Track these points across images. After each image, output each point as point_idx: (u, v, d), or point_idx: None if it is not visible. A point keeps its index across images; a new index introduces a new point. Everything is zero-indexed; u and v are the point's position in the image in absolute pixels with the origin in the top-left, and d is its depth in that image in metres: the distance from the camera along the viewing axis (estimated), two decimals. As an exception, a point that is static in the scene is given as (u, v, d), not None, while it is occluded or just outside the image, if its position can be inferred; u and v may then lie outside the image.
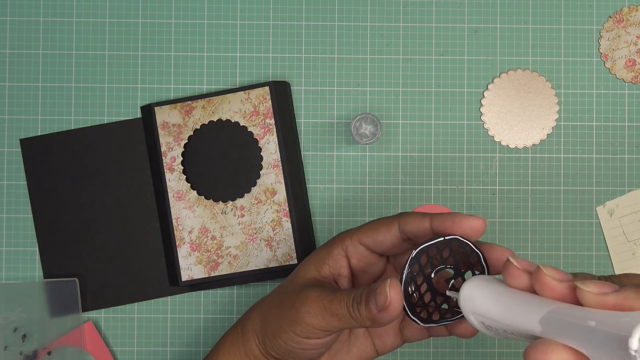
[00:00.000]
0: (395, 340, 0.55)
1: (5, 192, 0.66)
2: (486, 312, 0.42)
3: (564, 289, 0.38)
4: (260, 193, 0.65)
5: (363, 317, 0.48)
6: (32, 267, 0.66)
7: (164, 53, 0.67)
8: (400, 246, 0.52)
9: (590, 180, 0.66)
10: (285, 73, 0.67)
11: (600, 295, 0.37)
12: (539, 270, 0.39)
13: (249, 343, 0.54)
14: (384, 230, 0.52)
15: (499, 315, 0.41)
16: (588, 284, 0.37)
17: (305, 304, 0.50)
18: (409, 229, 0.51)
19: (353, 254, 0.53)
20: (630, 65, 0.67)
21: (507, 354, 0.66)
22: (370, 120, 0.64)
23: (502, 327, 0.41)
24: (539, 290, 0.39)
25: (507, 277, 0.41)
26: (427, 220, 0.50)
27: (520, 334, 0.40)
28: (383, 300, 0.47)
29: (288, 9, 0.67)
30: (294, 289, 0.53)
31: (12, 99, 0.67)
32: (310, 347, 0.51)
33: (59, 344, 0.65)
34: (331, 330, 0.50)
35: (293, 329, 0.51)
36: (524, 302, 0.40)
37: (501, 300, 0.41)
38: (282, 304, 0.52)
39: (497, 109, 0.67)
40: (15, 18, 0.67)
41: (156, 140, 0.65)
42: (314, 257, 0.54)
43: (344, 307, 0.49)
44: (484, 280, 0.43)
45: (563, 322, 0.37)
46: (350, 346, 0.55)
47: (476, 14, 0.67)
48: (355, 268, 0.54)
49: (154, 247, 0.66)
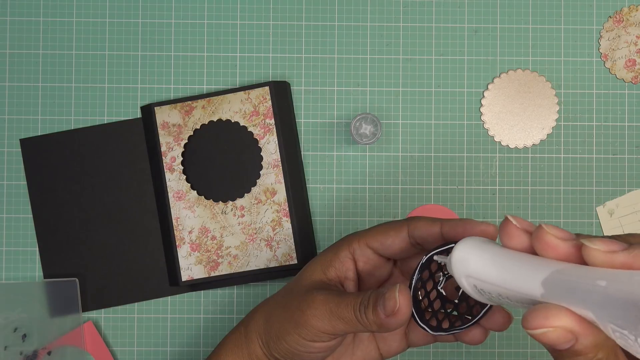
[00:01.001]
0: (401, 344, 0.54)
1: (5, 192, 0.66)
2: (481, 274, 0.38)
3: (568, 248, 0.36)
4: (260, 193, 0.65)
5: (370, 322, 0.48)
6: (32, 267, 0.66)
7: (164, 53, 0.67)
8: (409, 251, 0.52)
9: (590, 180, 0.66)
10: (285, 73, 0.67)
11: (608, 253, 0.34)
12: (541, 228, 0.36)
13: (252, 344, 0.54)
14: (393, 234, 0.51)
15: (495, 278, 0.37)
16: (595, 242, 0.34)
17: (312, 306, 0.50)
18: (419, 234, 0.50)
19: (360, 257, 0.52)
20: (630, 65, 0.67)
21: (507, 354, 0.66)
22: (370, 120, 0.64)
23: (498, 290, 0.38)
24: (541, 250, 0.36)
25: (504, 237, 0.38)
26: (438, 225, 0.49)
27: (517, 299, 0.37)
28: (392, 305, 0.46)
29: (288, 9, 0.67)
30: (299, 290, 0.52)
31: (12, 99, 0.67)
32: (314, 350, 0.51)
33: (59, 344, 0.65)
34: (337, 333, 0.50)
35: (298, 332, 0.50)
36: (524, 263, 0.36)
37: (498, 261, 0.38)
38: (287, 305, 0.52)
39: (497, 109, 0.67)
40: (15, 18, 0.67)
41: (156, 140, 0.65)
42: (321, 259, 0.53)
43: (351, 311, 0.48)
44: (478, 241, 0.40)
45: (569, 284, 0.34)
46: (355, 349, 0.55)
47: (476, 14, 0.67)
48: (362, 271, 0.53)
49: (154, 247, 0.66)
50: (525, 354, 0.66)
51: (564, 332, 0.34)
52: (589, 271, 0.34)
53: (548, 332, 0.34)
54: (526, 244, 0.38)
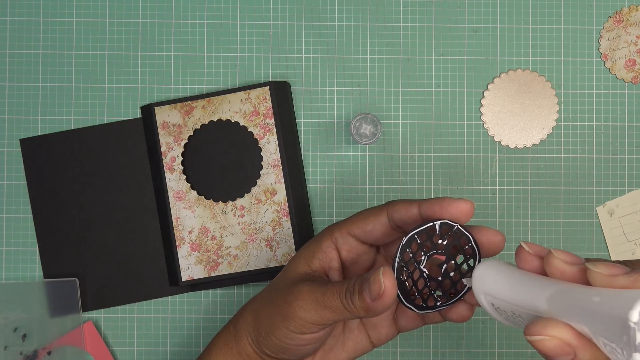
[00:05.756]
0: (390, 330, 0.55)
1: (5, 192, 0.66)
2: (496, 291, 0.42)
3: (574, 272, 0.39)
4: (260, 193, 0.65)
5: (357, 308, 0.48)
6: (32, 267, 0.66)
7: (164, 53, 0.67)
8: (390, 235, 0.52)
9: (590, 180, 0.66)
10: (285, 73, 0.67)
11: (609, 276, 0.36)
12: (550, 254, 0.40)
13: (242, 342, 0.54)
14: (373, 219, 0.52)
15: (508, 295, 0.41)
16: (598, 265, 0.37)
17: (298, 298, 0.50)
18: (398, 216, 0.51)
19: (343, 246, 0.53)
20: (630, 65, 0.67)
21: (507, 354, 0.66)
22: (370, 120, 0.64)
23: (511, 307, 0.41)
24: (550, 273, 0.40)
25: (518, 261, 0.42)
26: (415, 206, 0.50)
27: (527, 315, 0.41)
28: (377, 288, 0.47)
29: (288, 9, 0.67)
30: (285, 284, 0.52)
31: (12, 99, 0.67)
32: (304, 343, 0.51)
33: (59, 344, 0.65)
34: (325, 323, 0.50)
35: (286, 325, 0.50)
36: (533, 282, 0.40)
37: (511, 280, 0.42)
38: (274, 300, 0.52)
39: (497, 109, 0.67)
40: (15, 18, 0.67)
41: (156, 140, 0.65)
42: (304, 252, 0.54)
43: (337, 298, 0.49)
44: (496, 262, 0.44)
45: (569, 300, 0.37)
46: (345, 340, 0.55)
47: (476, 14, 0.67)
48: (346, 260, 0.53)
49: (154, 247, 0.66)
50: (525, 354, 0.66)
51: (561, 343, 0.37)
52: (587, 290, 0.37)
53: (545, 340, 0.37)
54: (539, 265, 0.42)
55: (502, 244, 0.49)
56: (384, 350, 0.66)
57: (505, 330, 0.66)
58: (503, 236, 0.49)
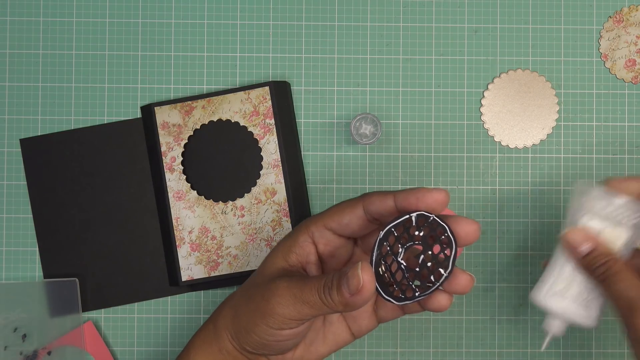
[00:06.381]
0: (370, 321, 0.55)
1: (5, 192, 0.66)
2: None
3: None
4: (260, 193, 0.65)
5: (335, 303, 0.48)
6: (32, 267, 0.66)
7: (164, 53, 0.67)
8: (367, 227, 0.52)
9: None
10: (285, 73, 0.67)
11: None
12: None
13: (222, 340, 0.54)
14: (349, 212, 0.52)
15: None
16: None
17: (276, 294, 0.50)
18: (374, 209, 0.51)
19: (320, 240, 0.53)
20: (630, 65, 0.67)
21: (507, 354, 0.66)
22: (370, 120, 0.64)
23: None
24: None
25: None
26: (391, 198, 0.50)
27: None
28: (356, 283, 0.47)
29: (288, 9, 0.67)
30: (262, 280, 0.52)
31: (12, 99, 0.67)
32: (284, 338, 0.51)
33: (59, 344, 0.65)
34: (303, 318, 0.50)
35: (265, 322, 0.50)
36: None
37: None
38: (252, 297, 0.52)
39: (497, 109, 0.67)
40: (15, 18, 0.67)
41: (156, 140, 0.65)
42: (281, 247, 0.54)
43: (315, 294, 0.49)
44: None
45: None
46: (326, 333, 0.55)
47: (476, 14, 0.67)
48: (323, 254, 0.53)
49: (154, 247, 0.66)
50: (525, 354, 0.66)
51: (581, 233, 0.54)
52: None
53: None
54: None
55: (478, 233, 0.49)
56: (384, 351, 0.66)
57: (506, 330, 0.66)
58: (478, 225, 0.49)
